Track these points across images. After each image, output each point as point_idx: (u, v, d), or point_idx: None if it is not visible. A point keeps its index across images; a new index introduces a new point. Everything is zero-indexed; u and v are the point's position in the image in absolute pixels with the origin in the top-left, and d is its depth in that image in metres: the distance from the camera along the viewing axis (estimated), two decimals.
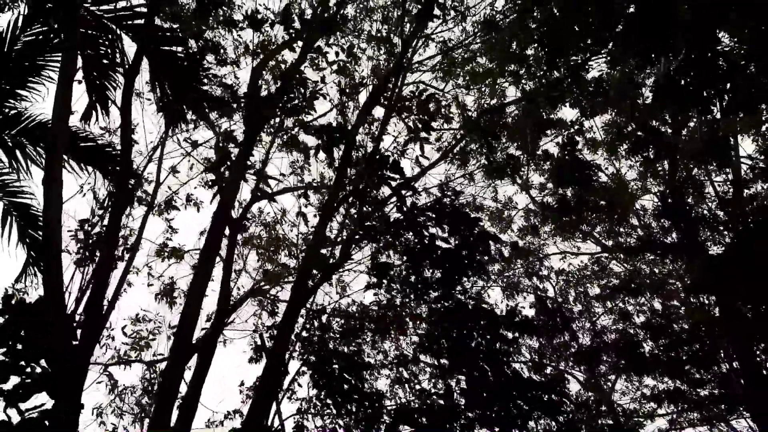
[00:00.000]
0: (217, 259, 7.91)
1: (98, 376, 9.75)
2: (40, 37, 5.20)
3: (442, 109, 11.73)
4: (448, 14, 9.70)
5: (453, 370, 6.19)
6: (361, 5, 11.26)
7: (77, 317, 4.32)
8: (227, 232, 8.46)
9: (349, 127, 9.48)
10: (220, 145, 7.38)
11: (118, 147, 5.72)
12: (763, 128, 11.49)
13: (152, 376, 10.12)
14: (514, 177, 12.16)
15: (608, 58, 9.98)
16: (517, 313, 7.82)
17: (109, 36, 5.31)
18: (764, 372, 9.50)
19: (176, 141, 8.93)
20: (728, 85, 5.76)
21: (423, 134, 8.61)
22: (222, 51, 9.91)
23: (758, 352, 9.85)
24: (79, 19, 5.03)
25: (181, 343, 5.69)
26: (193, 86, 5.29)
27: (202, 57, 6.79)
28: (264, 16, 8.48)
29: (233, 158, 7.52)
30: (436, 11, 8.52)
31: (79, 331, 4.11)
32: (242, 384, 10.34)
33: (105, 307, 5.26)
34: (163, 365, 9.86)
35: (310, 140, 9.74)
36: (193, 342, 6.08)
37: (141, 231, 9.73)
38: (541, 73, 9.37)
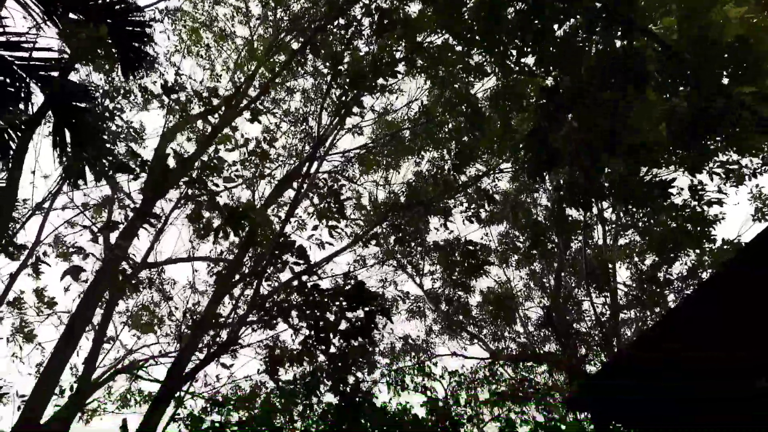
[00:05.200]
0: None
1: None
2: None
3: (353, 199, 12.11)
4: (365, 113, 10.28)
5: None
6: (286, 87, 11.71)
7: None
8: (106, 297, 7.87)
9: (259, 205, 9.45)
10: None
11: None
12: (635, 258, 12.85)
13: None
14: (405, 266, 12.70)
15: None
16: (408, 411, 7.74)
17: (17, 84, 5.04)
18: None
19: (69, 197, 8.38)
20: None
21: (332, 222, 8.77)
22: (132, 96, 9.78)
23: None
24: None
25: (26, 422, 5.00)
26: (96, 145, 5.08)
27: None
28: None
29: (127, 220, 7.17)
30: (355, 109, 9.03)
31: None
32: None
33: None
34: None
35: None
36: (44, 422, 5.37)
37: (10, 286, 8.89)
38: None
